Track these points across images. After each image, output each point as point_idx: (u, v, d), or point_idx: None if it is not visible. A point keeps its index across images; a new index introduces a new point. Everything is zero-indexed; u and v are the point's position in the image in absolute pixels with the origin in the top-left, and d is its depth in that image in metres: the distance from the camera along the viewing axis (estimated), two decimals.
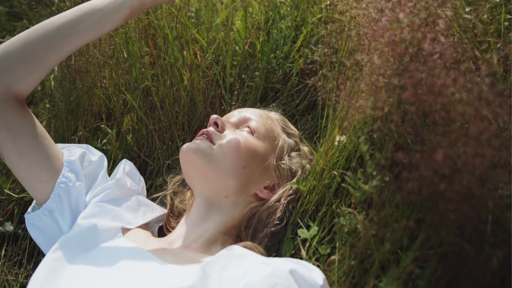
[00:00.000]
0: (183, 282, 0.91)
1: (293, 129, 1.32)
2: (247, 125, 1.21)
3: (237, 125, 1.23)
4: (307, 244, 1.14)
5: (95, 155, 1.23)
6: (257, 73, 1.55)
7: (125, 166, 1.26)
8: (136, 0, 1.09)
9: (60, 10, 1.54)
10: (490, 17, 0.97)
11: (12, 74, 1.07)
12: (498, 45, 0.88)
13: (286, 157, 1.23)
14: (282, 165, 1.21)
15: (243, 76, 1.59)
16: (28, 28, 1.12)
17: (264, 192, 1.19)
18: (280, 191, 1.19)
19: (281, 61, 1.56)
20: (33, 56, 1.07)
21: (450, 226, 0.73)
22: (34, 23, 1.47)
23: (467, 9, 0.96)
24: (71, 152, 1.18)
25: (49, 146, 1.13)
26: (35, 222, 1.15)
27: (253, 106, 1.52)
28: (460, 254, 0.79)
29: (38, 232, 1.15)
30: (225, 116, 1.26)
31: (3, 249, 1.36)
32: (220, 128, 1.19)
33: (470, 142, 0.69)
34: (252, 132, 1.19)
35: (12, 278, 1.32)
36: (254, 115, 1.24)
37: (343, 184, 1.06)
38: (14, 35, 1.87)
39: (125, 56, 1.47)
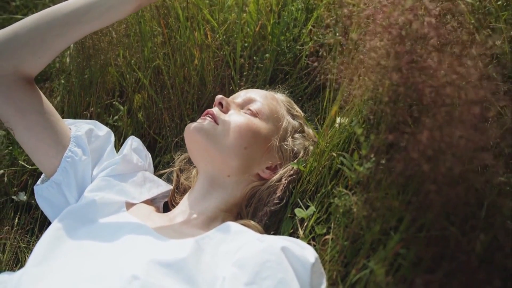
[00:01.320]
0: (177, 254, 0.94)
1: (298, 110, 1.34)
2: (252, 106, 1.23)
3: (242, 106, 1.25)
4: (305, 223, 1.16)
5: (102, 131, 1.26)
6: (267, 55, 1.57)
7: (132, 142, 1.30)
8: None
9: None
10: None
11: (20, 57, 1.11)
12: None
13: (289, 139, 1.25)
14: (285, 146, 1.23)
15: (254, 57, 1.61)
16: (47, 7, 1.14)
17: (266, 172, 1.21)
18: (281, 171, 1.21)
19: (291, 43, 1.57)
20: (40, 40, 1.11)
21: (434, 208, 0.74)
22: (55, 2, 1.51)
23: None
24: (78, 128, 1.21)
25: (56, 123, 1.17)
26: (44, 194, 1.19)
27: (262, 87, 1.54)
28: (444, 236, 0.80)
29: (46, 203, 1.20)
30: (231, 97, 1.28)
31: (17, 218, 1.42)
32: (224, 108, 1.21)
33: (455, 124, 0.70)
34: (256, 113, 1.22)
35: (24, 245, 1.38)
36: (259, 96, 1.26)
37: (339, 165, 1.07)
38: (36, 11, 1.93)
39: (138, 35, 1.50)
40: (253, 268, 0.93)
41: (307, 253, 0.99)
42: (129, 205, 1.19)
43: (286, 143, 1.24)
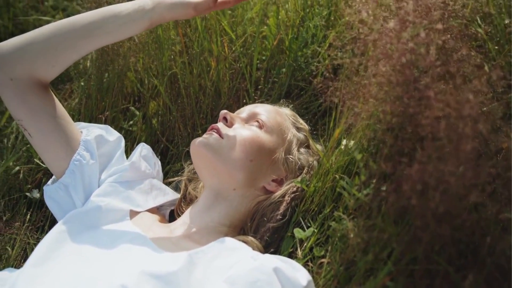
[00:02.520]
0: (168, 267, 0.96)
1: (302, 123, 1.35)
2: (256, 120, 1.24)
3: (247, 120, 1.26)
4: (304, 244, 1.16)
5: (113, 136, 1.29)
6: (283, 69, 1.57)
7: (142, 149, 1.32)
8: (157, 14, 1.14)
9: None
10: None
11: (35, 64, 1.14)
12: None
13: (295, 151, 1.25)
14: (290, 159, 1.24)
15: (271, 71, 1.61)
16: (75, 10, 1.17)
17: (272, 185, 1.22)
18: (284, 188, 1.21)
19: (308, 59, 1.57)
20: (54, 50, 1.14)
21: (422, 242, 0.73)
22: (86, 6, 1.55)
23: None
24: (89, 132, 1.24)
25: (67, 127, 1.20)
26: (52, 195, 1.22)
27: (276, 101, 1.54)
28: (435, 271, 0.78)
29: (54, 204, 1.23)
30: (236, 112, 1.30)
31: (28, 214, 1.45)
32: (229, 123, 1.23)
33: (446, 160, 0.69)
34: (260, 126, 1.23)
35: (33, 242, 1.41)
36: (263, 110, 1.27)
37: (338, 189, 1.06)
38: (66, 15, 1.98)
39: (157, 42, 1.52)
40: (243, 286, 0.94)
41: (300, 275, 0.99)
42: (133, 213, 1.21)
43: (291, 155, 1.24)
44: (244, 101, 1.56)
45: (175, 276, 0.95)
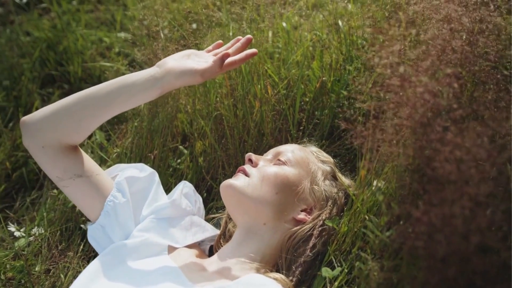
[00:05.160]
0: None
1: (327, 156, 1.40)
2: (280, 157, 1.30)
3: (271, 160, 1.33)
4: (334, 283, 1.17)
5: (145, 172, 1.37)
6: (326, 111, 1.61)
7: (184, 188, 1.39)
8: (167, 83, 1.22)
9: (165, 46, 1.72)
10: None
11: (61, 133, 1.25)
12: None
13: (320, 182, 1.30)
14: (316, 188, 1.28)
15: (315, 112, 1.65)
16: None
17: (302, 214, 1.26)
18: (313, 218, 1.25)
19: (351, 100, 1.59)
20: (77, 120, 1.25)
21: (429, 285, 0.73)
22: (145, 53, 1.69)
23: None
24: (122, 174, 1.34)
25: (97, 179, 1.30)
26: (92, 234, 1.32)
27: (318, 142, 1.58)
28: None
29: (95, 243, 1.33)
30: (264, 155, 1.37)
31: (82, 245, 1.56)
32: (254, 164, 1.31)
33: (451, 203, 0.69)
34: (284, 162, 1.28)
35: None
36: (286, 149, 1.34)
37: (362, 229, 1.07)
38: (129, 61, 2.14)
39: (204, 86, 1.62)
40: None
41: None
42: (172, 249, 1.28)
43: (316, 186, 1.27)
44: (287, 141, 1.60)
45: None
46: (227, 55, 1.21)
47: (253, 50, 1.28)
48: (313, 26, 1.83)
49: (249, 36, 1.31)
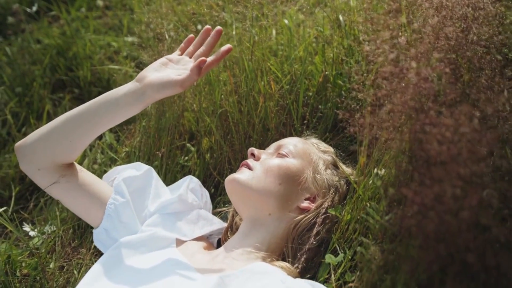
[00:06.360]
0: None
1: (327, 147, 1.43)
2: (282, 150, 1.33)
3: (273, 153, 1.36)
4: (338, 270, 1.19)
5: (141, 170, 1.40)
6: (329, 104, 1.63)
7: (190, 183, 1.43)
8: (148, 97, 1.24)
9: (170, 48, 1.76)
10: None
11: (53, 154, 1.28)
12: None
13: (322, 171, 1.33)
14: (318, 177, 1.31)
15: (320, 106, 1.68)
16: None
17: (305, 203, 1.29)
18: (317, 206, 1.28)
19: (354, 93, 1.62)
20: (69, 141, 1.28)
21: (423, 263, 0.75)
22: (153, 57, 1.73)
23: None
24: (120, 175, 1.37)
25: (95, 188, 1.33)
26: (98, 238, 1.35)
27: (322, 135, 1.61)
28: None
29: (102, 246, 1.35)
30: (266, 149, 1.40)
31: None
32: (256, 158, 1.34)
33: (438, 183, 0.72)
34: (286, 154, 1.32)
35: None
36: (287, 142, 1.37)
37: (362, 215, 1.10)
38: (136, 64, 2.19)
39: (208, 84, 1.65)
40: None
41: None
42: (180, 242, 1.31)
43: (318, 175, 1.31)
44: (291, 135, 1.63)
45: None
46: (203, 62, 1.19)
47: (227, 46, 1.26)
48: (316, 22, 1.86)
49: (218, 27, 1.30)
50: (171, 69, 1.28)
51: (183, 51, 1.35)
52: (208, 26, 1.33)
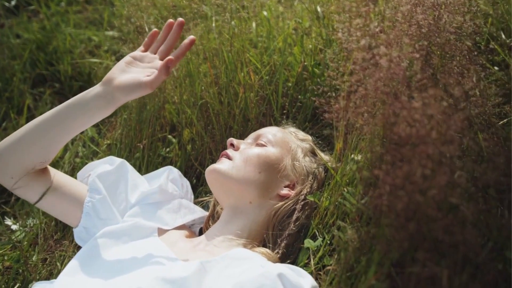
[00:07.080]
0: (180, 273, 1.05)
1: (305, 135, 1.46)
2: (260, 139, 1.35)
3: (252, 143, 1.38)
4: (317, 254, 1.22)
5: (114, 164, 1.40)
6: (308, 94, 1.66)
7: (170, 173, 1.44)
8: (118, 100, 1.23)
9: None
10: None
11: (25, 161, 1.27)
12: None
13: (300, 158, 1.35)
14: (297, 164, 1.34)
15: (299, 96, 1.70)
16: None
17: (285, 190, 1.31)
18: (296, 192, 1.30)
19: (333, 81, 1.64)
20: (40, 147, 1.26)
21: (396, 242, 0.77)
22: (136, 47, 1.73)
23: None
24: (94, 172, 1.38)
25: (70, 189, 1.33)
26: (79, 236, 1.35)
27: (302, 124, 1.63)
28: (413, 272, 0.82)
29: (83, 243, 1.35)
30: (245, 139, 1.42)
31: None
32: (235, 147, 1.36)
33: (407, 163, 0.74)
34: (264, 144, 1.34)
35: None
36: (265, 131, 1.39)
37: (339, 199, 1.12)
38: (118, 58, 2.19)
39: (189, 76, 1.66)
40: None
41: (304, 281, 1.06)
42: (162, 231, 1.32)
43: (297, 162, 1.34)
44: (271, 125, 1.65)
45: (185, 281, 1.04)
46: (171, 61, 1.18)
47: (190, 37, 1.24)
48: (295, 14, 1.88)
49: (180, 19, 1.29)
50: (137, 68, 1.26)
51: (147, 46, 1.33)
52: (170, 20, 1.31)
